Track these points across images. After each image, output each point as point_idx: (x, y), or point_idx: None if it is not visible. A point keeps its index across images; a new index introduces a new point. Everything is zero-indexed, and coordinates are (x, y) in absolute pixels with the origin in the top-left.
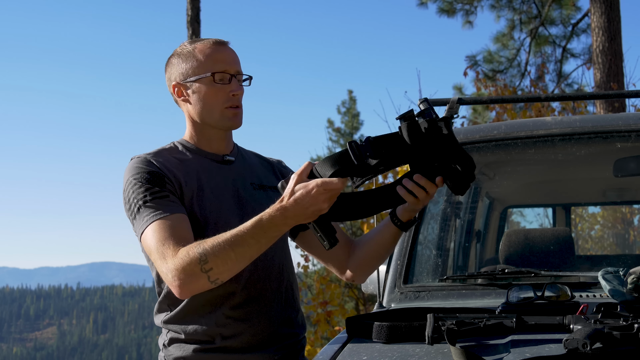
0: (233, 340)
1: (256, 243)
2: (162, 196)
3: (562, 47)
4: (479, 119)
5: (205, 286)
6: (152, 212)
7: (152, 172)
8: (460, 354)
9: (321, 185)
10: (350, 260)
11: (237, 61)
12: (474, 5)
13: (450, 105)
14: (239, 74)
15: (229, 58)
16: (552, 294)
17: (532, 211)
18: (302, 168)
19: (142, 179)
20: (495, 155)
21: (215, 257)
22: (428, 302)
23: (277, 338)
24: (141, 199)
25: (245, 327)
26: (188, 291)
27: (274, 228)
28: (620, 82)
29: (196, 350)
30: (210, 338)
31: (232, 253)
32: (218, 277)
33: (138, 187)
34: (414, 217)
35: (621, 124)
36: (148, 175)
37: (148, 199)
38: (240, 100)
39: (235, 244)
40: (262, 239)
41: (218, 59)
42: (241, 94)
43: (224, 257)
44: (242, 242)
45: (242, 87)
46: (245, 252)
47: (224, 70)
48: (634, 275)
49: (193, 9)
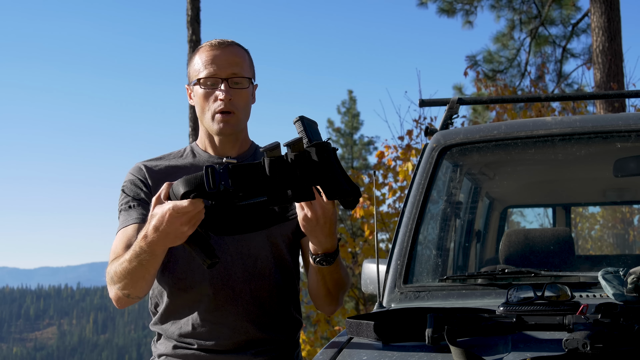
0: (210, 342)
1: (139, 264)
2: (130, 207)
3: (562, 47)
4: (479, 119)
5: (123, 299)
6: (122, 217)
7: (132, 181)
8: (460, 354)
9: (172, 209)
10: (310, 292)
11: (235, 63)
12: (474, 5)
13: (450, 105)
14: (234, 76)
15: (221, 61)
16: (552, 294)
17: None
18: (161, 190)
19: (125, 189)
20: (495, 155)
21: (119, 280)
22: (428, 302)
23: (257, 342)
24: (121, 203)
25: (221, 329)
26: (118, 304)
27: (147, 253)
28: (620, 82)
29: (176, 347)
30: (188, 339)
31: (128, 274)
32: (130, 293)
33: (123, 193)
34: (330, 247)
35: (621, 124)
36: (128, 184)
37: (122, 208)
38: (235, 105)
39: (126, 267)
40: (143, 261)
41: (209, 62)
42: (237, 99)
43: (123, 279)
44: (130, 261)
45: (239, 90)
46: (135, 271)
47: (213, 74)
48: (634, 275)
49: (193, 9)
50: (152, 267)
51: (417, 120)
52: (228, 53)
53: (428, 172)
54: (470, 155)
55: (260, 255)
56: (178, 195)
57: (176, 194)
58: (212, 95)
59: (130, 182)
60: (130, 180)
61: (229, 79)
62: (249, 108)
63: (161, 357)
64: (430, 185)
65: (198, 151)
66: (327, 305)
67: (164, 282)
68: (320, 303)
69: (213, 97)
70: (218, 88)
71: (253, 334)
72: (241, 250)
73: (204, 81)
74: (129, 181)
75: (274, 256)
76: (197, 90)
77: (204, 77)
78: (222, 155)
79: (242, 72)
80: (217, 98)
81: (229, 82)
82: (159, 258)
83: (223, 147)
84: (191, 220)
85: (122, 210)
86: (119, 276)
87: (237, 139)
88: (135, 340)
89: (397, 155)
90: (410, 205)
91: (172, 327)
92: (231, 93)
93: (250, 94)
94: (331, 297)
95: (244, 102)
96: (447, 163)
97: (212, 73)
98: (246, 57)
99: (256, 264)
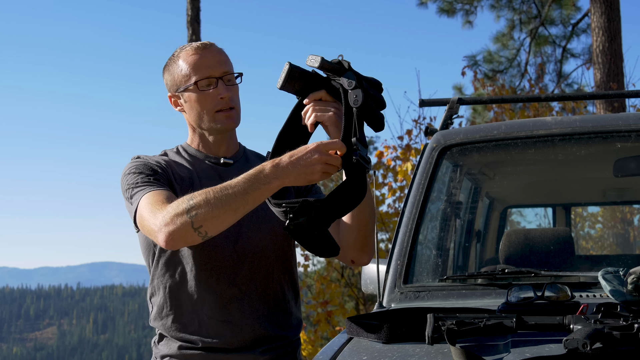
0: (216, 340)
1: (243, 195)
2: (155, 179)
3: (562, 47)
4: (478, 119)
5: (191, 235)
6: (145, 187)
7: (145, 164)
8: (460, 354)
9: (320, 143)
10: (342, 242)
11: (223, 61)
12: (474, 5)
13: (450, 105)
14: (226, 74)
15: (211, 61)
16: (552, 294)
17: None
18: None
19: (137, 170)
20: (495, 155)
21: (200, 207)
22: (428, 302)
23: (264, 340)
24: (136, 181)
25: (227, 328)
26: (173, 239)
27: (261, 181)
28: (620, 82)
29: (181, 348)
30: (192, 337)
31: (219, 202)
32: (202, 225)
33: (133, 174)
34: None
35: (621, 124)
36: (142, 167)
37: (143, 181)
38: (234, 101)
39: (223, 194)
40: (249, 191)
41: (200, 65)
42: (234, 95)
43: (210, 206)
44: (230, 193)
45: (233, 87)
46: (231, 203)
47: (207, 75)
48: (634, 275)
49: (193, 9)
50: (253, 204)
51: (417, 120)
52: (215, 53)
53: (428, 172)
54: (470, 155)
55: (265, 252)
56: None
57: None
58: (210, 96)
59: (143, 165)
60: (142, 163)
61: (223, 77)
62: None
63: (164, 358)
64: (430, 185)
65: (191, 151)
66: (359, 250)
67: (169, 278)
68: (355, 250)
69: (211, 97)
70: (214, 88)
71: (259, 331)
72: (245, 248)
73: (200, 84)
74: (142, 164)
75: (277, 253)
76: (189, 96)
77: (200, 79)
78: (217, 156)
79: (231, 69)
80: (216, 97)
81: (223, 80)
82: (266, 193)
83: (217, 147)
84: (328, 163)
85: (148, 181)
86: (208, 208)
87: (231, 137)
88: (135, 340)
89: (396, 155)
90: (410, 205)
91: (175, 324)
92: (229, 90)
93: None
94: (364, 238)
95: (238, 97)
96: (447, 163)
97: (207, 74)
98: (227, 55)
99: (261, 261)
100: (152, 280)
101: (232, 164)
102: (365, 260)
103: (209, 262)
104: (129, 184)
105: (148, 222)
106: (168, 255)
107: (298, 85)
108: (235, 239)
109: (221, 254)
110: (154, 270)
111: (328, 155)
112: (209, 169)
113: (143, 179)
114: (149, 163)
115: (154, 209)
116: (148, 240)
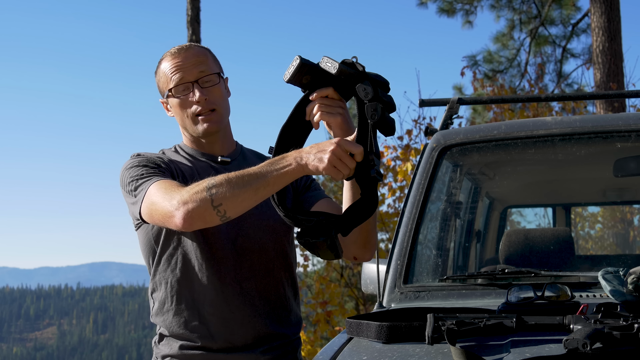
0: (217, 339)
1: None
2: (160, 171)
3: (562, 47)
4: (478, 119)
5: (210, 214)
6: (152, 177)
7: (148, 159)
8: (460, 354)
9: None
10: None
11: (198, 63)
12: (474, 5)
13: (450, 105)
14: (202, 76)
15: (185, 65)
16: (552, 294)
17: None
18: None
19: (140, 164)
20: (495, 155)
21: (222, 185)
22: (428, 302)
23: (264, 338)
24: (141, 173)
25: (228, 324)
26: (191, 217)
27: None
28: (620, 82)
29: (182, 348)
30: (193, 335)
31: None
32: (222, 203)
33: (137, 167)
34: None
35: (621, 124)
36: (145, 161)
37: (148, 173)
38: (213, 102)
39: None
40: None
41: (175, 70)
42: (212, 96)
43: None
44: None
45: (212, 87)
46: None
47: (182, 81)
48: (634, 275)
49: (193, 9)
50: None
51: (417, 120)
52: (189, 56)
53: (428, 172)
54: (470, 155)
55: (265, 250)
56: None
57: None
58: (187, 101)
59: (147, 159)
60: (145, 158)
61: (198, 80)
62: (226, 102)
63: (165, 358)
64: (430, 185)
65: (188, 150)
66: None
67: (171, 274)
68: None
69: (189, 103)
70: (190, 92)
71: (260, 328)
72: (246, 245)
73: (175, 90)
74: (145, 159)
75: (278, 250)
76: (172, 102)
77: (174, 85)
78: (213, 154)
79: (209, 69)
80: (193, 102)
81: (199, 82)
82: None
83: (211, 147)
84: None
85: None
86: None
87: (224, 136)
88: (135, 340)
89: (396, 155)
90: (410, 205)
91: (175, 322)
92: (205, 92)
93: (223, 88)
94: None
95: (220, 97)
96: (447, 163)
97: (180, 79)
98: (208, 54)
99: (261, 258)
100: (154, 276)
101: (230, 162)
102: (367, 256)
103: (210, 258)
104: (132, 176)
105: (162, 205)
106: (170, 251)
107: (305, 79)
108: (235, 236)
109: (222, 250)
110: (156, 266)
111: (344, 153)
112: (207, 167)
113: (148, 171)
114: (152, 158)
115: (168, 192)
116: (149, 237)
